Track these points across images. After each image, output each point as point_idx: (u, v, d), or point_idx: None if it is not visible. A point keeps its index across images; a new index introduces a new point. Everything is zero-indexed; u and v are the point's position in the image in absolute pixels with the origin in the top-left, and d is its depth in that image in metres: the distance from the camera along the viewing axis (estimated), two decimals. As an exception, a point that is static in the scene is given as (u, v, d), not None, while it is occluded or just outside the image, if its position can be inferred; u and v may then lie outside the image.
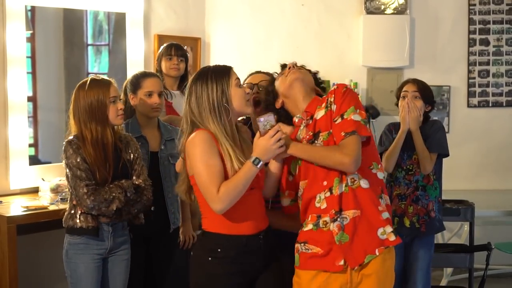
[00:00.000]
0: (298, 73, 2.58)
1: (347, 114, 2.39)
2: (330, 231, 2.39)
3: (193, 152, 2.36)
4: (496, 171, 5.26)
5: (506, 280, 4.92)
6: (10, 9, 3.95)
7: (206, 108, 2.38)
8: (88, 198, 2.72)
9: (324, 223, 2.41)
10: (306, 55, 5.03)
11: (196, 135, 2.37)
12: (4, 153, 3.98)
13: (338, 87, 2.47)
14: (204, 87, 2.39)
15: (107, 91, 2.81)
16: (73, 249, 2.85)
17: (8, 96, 3.97)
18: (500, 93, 5.29)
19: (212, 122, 2.37)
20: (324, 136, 2.44)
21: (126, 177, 2.86)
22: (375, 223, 2.38)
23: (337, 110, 2.42)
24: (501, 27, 5.26)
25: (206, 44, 5.12)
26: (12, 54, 3.97)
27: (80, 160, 2.75)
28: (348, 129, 2.36)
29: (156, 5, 4.80)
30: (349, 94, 2.44)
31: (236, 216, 2.37)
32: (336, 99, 2.44)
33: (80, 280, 2.85)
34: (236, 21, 5.16)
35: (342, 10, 5.15)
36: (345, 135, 2.35)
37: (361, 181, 2.39)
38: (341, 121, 2.39)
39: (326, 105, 2.47)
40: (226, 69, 2.45)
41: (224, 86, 2.40)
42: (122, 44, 4.67)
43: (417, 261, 3.37)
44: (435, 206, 3.40)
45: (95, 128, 2.79)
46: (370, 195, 2.40)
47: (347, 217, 2.37)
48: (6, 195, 3.90)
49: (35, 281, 4.05)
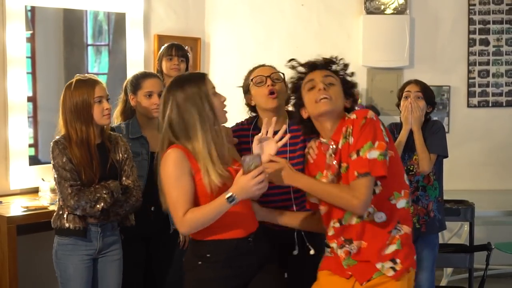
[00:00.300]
0: (329, 104, 2.38)
1: (363, 151, 2.27)
2: (338, 256, 2.42)
3: (164, 171, 2.34)
4: (496, 171, 5.26)
5: (506, 280, 4.92)
6: (10, 9, 3.96)
7: (192, 117, 2.33)
8: (72, 199, 2.71)
9: (331, 251, 2.45)
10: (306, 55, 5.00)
11: (169, 154, 2.33)
12: (4, 153, 3.99)
13: (357, 117, 2.32)
14: (182, 94, 2.34)
15: (92, 90, 2.80)
16: (62, 249, 2.85)
17: (8, 96, 3.98)
18: (500, 93, 5.29)
19: (197, 128, 2.32)
20: (343, 169, 2.36)
21: (114, 178, 2.85)
22: (376, 258, 2.35)
23: (353, 144, 2.30)
24: (501, 27, 5.26)
25: (206, 44, 5.12)
26: (12, 54, 3.97)
27: (65, 161, 2.75)
28: (361, 169, 2.26)
29: (156, 5, 4.80)
30: (367, 126, 2.29)
31: (224, 222, 2.34)
32: (354, 131, 2.31)
33: (70, 280, 2.84)
34: (236, 21, 5.16)
35: (342, 10, 5.15)
36: (358, 176, 2.26)
37: (375, 215, 2.35)
38: (356, 159, 2.28)
39: (345, 134, 2.35)
40: (200, 77, 2.41)
41: (204, 93, 2.35)
42: (122, 44, 4.67)
43: (421, 261, 3.36)
44: (435, 206, 3.41)
45: (80, 128, 2.78)
46: (380, 230, 2.35)
47: (355, 247, 2.37)
48: (6, 195, 3.91)
49: (35, 281, 4.05)
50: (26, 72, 4.07)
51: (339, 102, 2.42)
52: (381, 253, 2.35)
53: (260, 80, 2.66)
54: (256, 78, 2.67)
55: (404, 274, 2.37)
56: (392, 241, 2.36)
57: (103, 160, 2.84)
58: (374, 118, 2.33)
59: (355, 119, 2.33)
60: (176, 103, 2.34)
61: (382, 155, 2.27)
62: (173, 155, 2.33)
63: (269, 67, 2.75)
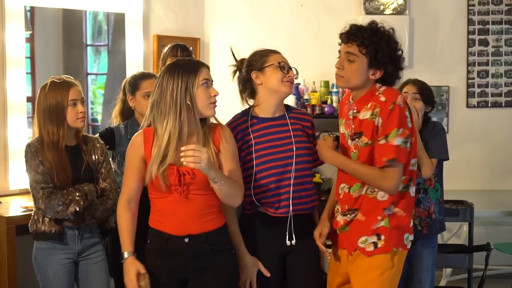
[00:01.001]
0: (341, 81, 2.57)
1: (391, 137, 2.44)
2: (337, 221, 2.65)
3: (126, 152, 2.53)
4: (495, 172, 5.26)
5: (505, 281, 4.91)
6: (9, 10, 3.95)
7: (167, 102, 2.39)
8: (43, 202, 2.68)
9: (337, 210, 2.65)
10: (305, 55, 5.03)
11: (134, 136, 2.52)
12: (3, 154, 3.99)
13: (386, 100, 2.46)
14: (170, 81, 2.40)
15: (66, 93, 2.75)
16: (40, 254, 2.82)
17: (7, 96, 3.98)
18: (499, 93, 5.30)
19: (168, 116, 2.38)
20: (362, 143, 2.51)
21: (90, 181, 2.81)
22: (363, 231, 2.56)
23: (382, 129, 2.46)
24: (500, 28, 5.26)
25: (205, 44, 5.12)
26: (11, 54, 3.97)
27: (37, 163, 2.72)
28: (389, 155, 2.45)
29: (155, 6, 4.80)
30: (394, 112, 2.44)
31: (159, 214, 2.48)
32: (382, 114, 2.46)
33: (51, 285, 2.82)
34: (235, 22, 5.16)
35: (341, 10, 5.15)
36: (386, 162, 2.45)
37: (379, 193, 2.53)
38: (384, 143, 2.45)
39: (372, 111, 2.49)
40: (195, 67, 2.43)
41: (189, 84, 2.39)
42: (121, 45, 4.67)
43: (421, 260, 3.37)
44: (437, 208, 3.40)
45: (51, 131, 2.74)
46: (378, 206, 2.53)
47: (356, 216, 2.57)
48: (5, 196, 3.91)
49: (34, 282, 4.03)
50: (25, 72, 4.07)
51: (354, 79, 2.52)
52: (370, 227, 2.54)
53: (283, 66, 2.69)
54: (282, 63, 2.69)
55: (383, 252, 2.53)
56: (383, 218, 2.53)
57: (78, 162, 2.80)
58: (402, 104, 2.47)
59: (384, 102, 2.46)
60: (161, 86, 2.41)
61: (404, 143, 2.45)
62: (135, 138, 2.50)
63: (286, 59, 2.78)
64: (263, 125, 2.70)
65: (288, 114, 2.75)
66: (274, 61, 2.68)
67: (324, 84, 4.97)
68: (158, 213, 2.48)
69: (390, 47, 2.50)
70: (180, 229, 2.44)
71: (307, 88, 4.94)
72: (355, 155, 2.56)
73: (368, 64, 2.49)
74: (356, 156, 2.56)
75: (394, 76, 2.56)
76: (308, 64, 5.00)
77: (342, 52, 2.55)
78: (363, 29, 2.50)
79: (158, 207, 2.48)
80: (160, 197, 2.45)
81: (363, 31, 2.49)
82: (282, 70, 2.67)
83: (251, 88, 2.75)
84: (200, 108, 2.42)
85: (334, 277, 2.75)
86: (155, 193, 2.46)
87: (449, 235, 5.02)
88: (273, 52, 2.74)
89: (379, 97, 2.51)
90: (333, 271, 2.76)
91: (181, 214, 2.44)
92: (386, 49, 2.48)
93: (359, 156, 2.54)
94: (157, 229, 2.48)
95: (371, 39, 2.47)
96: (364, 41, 2.47)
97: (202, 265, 2.47)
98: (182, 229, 2.44)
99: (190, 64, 2.46)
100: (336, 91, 4.88)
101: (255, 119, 2.72)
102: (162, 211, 2.47)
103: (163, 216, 2.47)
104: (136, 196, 2.51)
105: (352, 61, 2.50)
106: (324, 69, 5.00)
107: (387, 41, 2.50)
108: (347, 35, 2.53)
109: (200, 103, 2.41)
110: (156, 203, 2.49)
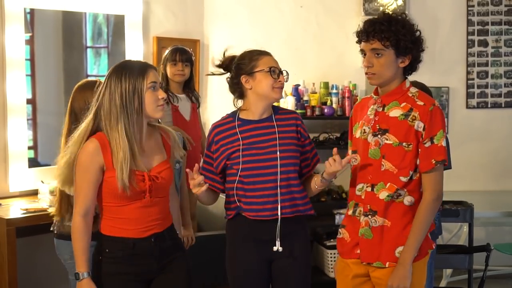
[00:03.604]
0: (374, 79, 2.54)
1: (438, 138, 2.46)
2: (359, 222, 2.55)
3: (78, 157, 2.38)
4: (495, 172, 5.27)
5: (505, 281, 4.92)
6: (9, 12, 3.96)
7: (118, 105, 2.35)
8: None
9: (360, 212, 2.55)
10: (305, 56, 5.04)
11: (88, 143, 2.37)
12: (3, 156, 3.99)
13: (426, 104, 2.47)
14: (118, 85, 2.35)
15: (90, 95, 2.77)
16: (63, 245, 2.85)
17: (7, 98, 3.98)
18: (499, 94, 5.30)
19: (121, 121, 2.34)
20: (393, 142, 2.47)
21: None
22: (398, 241, 2.48)
23: (427, 132, 2.45)
24: (500, 28, 5.27)
25: (205, 46, 5.12)
26: (11, 56, 3.97)
27: None
28: (438, 157, 2.46)
29: (155, 7, 4.80)
30: (436, 114, 2.46)
31: (122, 221, 2.41)
32: (423, 117, 2.45)
33: None
34: (235, 23, 5.17)
35: (341, 11, 5.15)
36: (436, 164, 2.45)
37: (405, 198, 2.49)
38: (431, 146, 2.45)
39: (406, 113, 2.47)
40: (142, 70, 2.40)
41: (137, 88, 2.36)
42: (121, 46, 4.67)
43: None
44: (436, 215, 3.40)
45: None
46: (406, 213, 2.49)
47: (377, 222, 2.49)
48: (5, 198, 3.91)
49: (34, 284, 4.05)
50: (25, 75, 4.07)
51: (386, 72, 2.50)
52: (403, 235, 2.47)
53: (277, 71, 2.65)
54: (273, 68, 2.64)
55: (421, 258, 2.51)
56: None
57: None
58: (439, 106, 2.52)
59: (423, 105, 2.46)
60: (109, 90, 2.37)
61: (446, 144, 2.49)
62: (89, 145, 2.37)
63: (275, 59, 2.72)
64: (248, 127, 2.66)
65: (274, 116, 2.69)
66: (265, 66, 2.62)
67: (324, 85, 4.96)
68: (120, 221, 2.41)
69: (409, 31, 2.50)
70: (146, 231, 2.44)
71: (306, 89, 4.94)
72: (374, 151, 2.51)
73: (395, 54, 2.50)
74: (377, 153, 2.50)
75: (418, 59, 2.57)
76: (307, 65, 5.01)
77: (367, 50, 2.53)
78: (378, 22, 2.50)
79: (120, 215, 2.41)
80: (123, 205, 2.40)
81: (380, 24, 2.48)
82: (272, 76, 2.62)
83: (239, 91, 2.70)
84: (148, 111, 2.40)
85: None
86: (117, 201, 2.40)
87: (449, 236, 5.02)
88: (263, 54, 2.68)
89: (414, 100, 2.49)
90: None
91: (147, 218, 2.43)
92: (407, 35, 2.49)
93: (384, 153, 2.48)
94: (119, 236, 2.41)
95: (390, 30, 2.47)
96: (385, 34, 2.46)
97: (165, 261, 2.49)
98: (148, 231, 2.44)
99: (137, 66, 2.42)
100: (336, 92, 4.88)
101: (240, 121, 2.68)
102: (126, 218, 2.41)
103: (127, 222, 2.41)
104: (92, 208, 2.42)
105: (380, 55, 2.49)
106: (324, 70, 5.01)
107: (404, 26, 2.50)
108: (367, 34, 2.51)
109: (148, 107, 2.39)
110: (116, 211, 2.41)
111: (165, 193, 2.51)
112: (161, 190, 2.47)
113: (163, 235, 2.49)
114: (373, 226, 2.50)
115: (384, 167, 2.48)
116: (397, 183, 2.47)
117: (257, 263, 2.65)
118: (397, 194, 2.47)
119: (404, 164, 2.46)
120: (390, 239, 2.48)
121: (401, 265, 2.44)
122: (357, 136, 2.60)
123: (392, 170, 2.47)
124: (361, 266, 2.54)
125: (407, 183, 2.48)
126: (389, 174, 2.47)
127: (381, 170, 2.48)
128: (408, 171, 2.47)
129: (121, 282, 2.42)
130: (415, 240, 2.44)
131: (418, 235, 2.45)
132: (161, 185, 2.46)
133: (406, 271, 2.42)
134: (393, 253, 2.48)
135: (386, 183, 2.48)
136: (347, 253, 2.59)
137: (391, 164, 2.47)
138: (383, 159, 2.48)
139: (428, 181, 2.47)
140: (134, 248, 2.42)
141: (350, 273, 2.57)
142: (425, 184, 2.48)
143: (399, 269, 2.43)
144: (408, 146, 2.46)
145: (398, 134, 2.47)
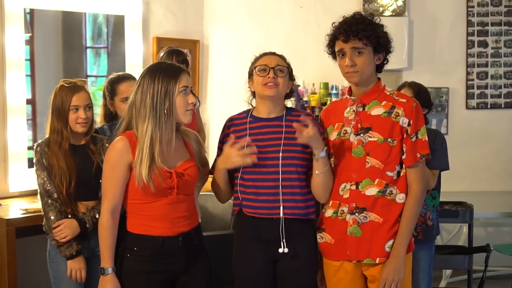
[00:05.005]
0: (355, 77, 2.56)
1: (421, 134, 2.55)
2: (345, 221, 2.55)
3: (106, 155, 2.46)
4: (495, 173, 5.27)
5: (505, 282, 4.92)
6: (9, 12, 3.96)
7: (148, 105, 2.38)
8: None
9: (342, 212, 2.57)
10: (305, 57, 5.04)
11: (116, 141, 2.42)
12: (3, 156, 3.99)
13: (408, 101, 2.56)
14: (151, 85, 2.39)
15: (69, 98, 2.83)
16: (55, 250, 2.86)
17: (7, 99, 3.98)
18: (499, 94, 5.30)
19: (148, 121, 2.37)
20: (378, 139, 2.52)
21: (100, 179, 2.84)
22: (387, 236, 2.52)
23: (413, 127, 2.52)
24: (500, 29, 5.27)
25: (204, 46, 5.12)
26: (11, 57, 3.98)
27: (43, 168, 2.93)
28: (423, 151, 2.54)
29: (154, 8, 4.81)
30: (419, 110, 2.56)
31: (149, 218, 2.44)
32: (408, 113, 2.53)
33: (62, 279, 2.85)
34: (235, 24, 5.17)
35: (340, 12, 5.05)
36: (421, 157, 2.52)
37: (397, 196, 2.54)
38: (416, 140, 2.53)
39: (389, 110, 2.54)
40: (176, 73, 2.43)
41: (169, 90, 2.39)
42: (121, 47, 4.68)
43: (417, 261, 3.35)
44: (434, 215, 3.41)
45: (58, 129, 2.84)
46: (398, 210, 2.53)
47: (368, 217, 2.53)
48: (5, 198, 3.91)
49: (34, 284, 4.04)
50: (25, 75, 4.08)
51: (368, 69, 2.56)
52: (393, 230, 2.51)
53: (264, 69, 2.65)
54: (260, 66, 2.65)
55: (409, 251, 2.58)
56: None
57: (87, 162, 2.87)
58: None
59: (406, 102, 2.55)
60: (142, 89, 2.40)
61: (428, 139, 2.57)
62: (118, 143, 2.41)
63: (277, 57, 2.72)
64: (258, 124, 2.68)
65: (286, 116, 2.69)
66: (258, 66, 2.66)
67: (324, 85, 4.97)
68: (148, 218, 2.44)
69: (383, 30, 2.59)
70: (173, 229, 2.46)
71: (306, 90, 4.94)
72: (358, 150, 2.54)
73: (373, 52, 2.56)
74: (361, 151, 2.53)
75: (387, 58, 2.65)
76: (307, 66, 5.01)
77: (347, 50, 2.55)
78: (355, 23, 2.57)
79: (148, 212, 2.44)
80: (150, 202, 2.43)
81: (357, 24, 2.56)
82: (260, 74, 2.63)
83: (252, 92, 2.76)
84: (178, 114, 2.43)
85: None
86: (145, 198, 2.42)
87: (449, 237, 5.03)
88: (262, 55, 2.71)
89: (394, 98, 2.57)
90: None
91: (174, 214, 2.46)
92: (382, 33, 2.58)
93: (369, 151, 2.52)
94: (148, 234, 2.44)
95: (368, 29, 2.53)
96: (365, 33, 2.52)
97: (191, 262, 2.51)
98: (175, 229, 2.46)
99: (171, 69, 2.45)
100: (336, 92, 4.89)
101: (252, 118, 2.71)
102: (153, 215, 2.43)
103: (154, 220, 2.44)
104: (120, 205, 2.45)
105: (361, 53, 2.54)
106: (324, 70, 5.01)
107: (378, 25, 2.59)
108: (346, 34, 2.56)
109: (178, 110, 2.42)
110: (143, 208, 2.44)
111: (191, 191, 2.53)
112: (187, 187, 2.49)
113: (190, 235, 2.51)
114: (363, 222, 2.52)
115: (369, 164, 2.53)
116: (384, 178, 2.52)
117: (263, 263, 2.64)
118: (389, 191, 2.52)
119: (390, 159, 2.53)
120: (380, 235, 2.52)
121: (395, 257, 2.50)
122: (333, 138, 2.63)
123: (379, 166, 2.53)
124: (351, 265, 2.57)
125: (396, 180, 2.53)
126: (376, 170, 2.53)
127: (366, 167, 2.53)
128: (394, 166, 2.53)
129: (144, 281, 2.44)
130: (407, 232, 2.51)
131: (410, 226, 2.52)
132: (188, 182, 2.48)
133: (400, 263, 2.49)
134: (383, 248, 2.52)
135: (374, 179, 2.53)
136: (336, 255, 2.59)
137: (377, 160, 2.53)
138: (367, 156, 2.53)
139: (414, 174, 2.53)
140: (162, 246, 2.43)
141: (344, 275, 2.58)
142: (412, 177, 2.54)
143: (393, 262, 2.49)
144: (393, 142, 2.53)
145: (382, 131, 2.53)
